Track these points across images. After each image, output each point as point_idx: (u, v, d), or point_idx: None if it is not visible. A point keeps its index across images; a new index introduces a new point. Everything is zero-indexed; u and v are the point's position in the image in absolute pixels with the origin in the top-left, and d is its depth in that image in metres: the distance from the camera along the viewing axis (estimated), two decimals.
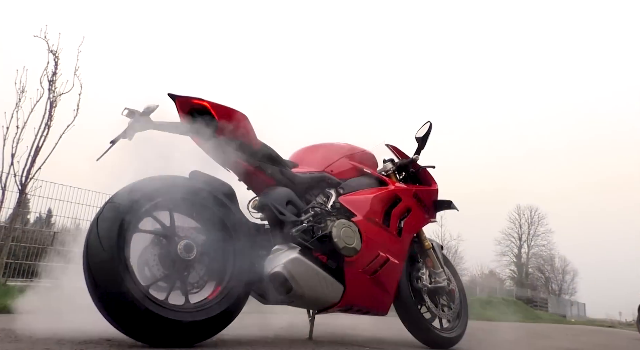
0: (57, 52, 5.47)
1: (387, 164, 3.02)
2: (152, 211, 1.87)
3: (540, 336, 5.77)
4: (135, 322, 1.69)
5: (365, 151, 2.86)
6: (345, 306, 2.40)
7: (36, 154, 5.24)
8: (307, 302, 2.31)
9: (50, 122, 5.33)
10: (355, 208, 2.49)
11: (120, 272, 1.66)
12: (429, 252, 2.95)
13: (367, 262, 2.42)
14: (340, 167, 2.64)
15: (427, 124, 3.07)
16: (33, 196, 7.31)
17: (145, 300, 1.70)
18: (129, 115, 1.99)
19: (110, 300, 1.66)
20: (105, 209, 1.77)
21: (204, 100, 2.09)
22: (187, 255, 1.85)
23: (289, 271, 2.08)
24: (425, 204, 2.91)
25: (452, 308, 2.99)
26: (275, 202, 2.25)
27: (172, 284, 1.84)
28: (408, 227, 2.73)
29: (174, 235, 1.88)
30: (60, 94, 5.43)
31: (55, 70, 5.45)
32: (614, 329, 15.16)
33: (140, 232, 1.84)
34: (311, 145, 2.76)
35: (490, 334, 4.52)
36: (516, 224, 40.15)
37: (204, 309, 1.85)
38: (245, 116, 2.21)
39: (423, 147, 3.06)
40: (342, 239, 2.29)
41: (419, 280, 2.86)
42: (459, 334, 2.97)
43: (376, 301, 2.53)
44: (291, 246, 2.19)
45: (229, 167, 2.27)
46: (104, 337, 1.83)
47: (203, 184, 2.03)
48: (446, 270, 3.00)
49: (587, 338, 6.74)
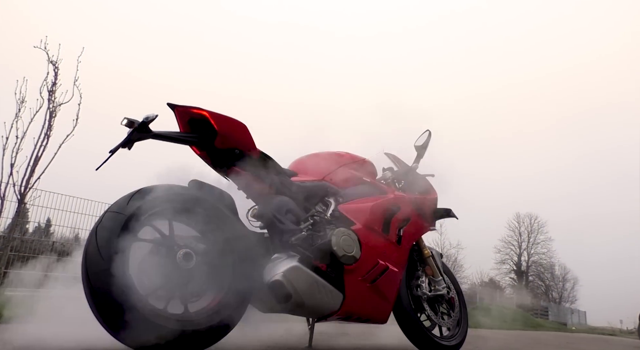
0: (57, 63, 5.51)
1: (386, 173, 3.03)
2: (152, 220, 1.88)
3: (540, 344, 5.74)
4: (134, 331, 1.68)
5: (364, 160, 2.87)
6: (345, 314, 2.40)
7: (35, 164, 5.25)
8: (307, 311, 2.30)
9: (49, 132, 5.34)
10: (355, 216, 2.49)
11: (119, 281, 1.66)
12: (428, 260, 2.95)
13: (366, 270, 2.41)
14: (340, 176, 2.64)
15: (426, 132, 3.09)
16: (32, 206, 7.31)
17: (144, 309, 1.70)
18: (128, 125, 2.00)
19: (109, 309, 1.66)
20: (104, 218, 1.78)
21: (203, 109, 2.10)
22: (186, 264, 1.85)
23: (289, 280, 2.08)
24: (425, 212, 2.92)
25: (452, 316, 2.99)
26: (275, 211, 2.26)
27: (171, 293, 1.84)
28: (407, 236, 2.73)
29: (173, 245, 1.88)
30: (60, 104, 5.46)
31: (55, 81, 5.48)
32: (614, 337, 15.08)
33: (140, 241, 1.84)
34: (310, 154, 2.77)
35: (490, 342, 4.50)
36: (516, 232, 40.07)
37: (204, 318, 1.85)
38: (245, 125, 2.22)
39: (422, 156, 3.07)
40: (342, 247, 2.29)
41: (418, 289, 2.86)
42: (458, 342, 2.96)
43: (376, 309, 2.52)
44: (290, 255, 2.19)
45: (228, 176, 2.28)
46: (103, 346, 1.82)
47: (202, 193, 2.04)
48: (446, 278, 3.00)
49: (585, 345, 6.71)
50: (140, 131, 1.99)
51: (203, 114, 2.10)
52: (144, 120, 2.00)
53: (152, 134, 2.04)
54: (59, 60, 5.53)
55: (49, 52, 5.49)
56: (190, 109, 2.11)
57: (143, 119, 2.00)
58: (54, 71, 5.49)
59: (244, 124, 2.22)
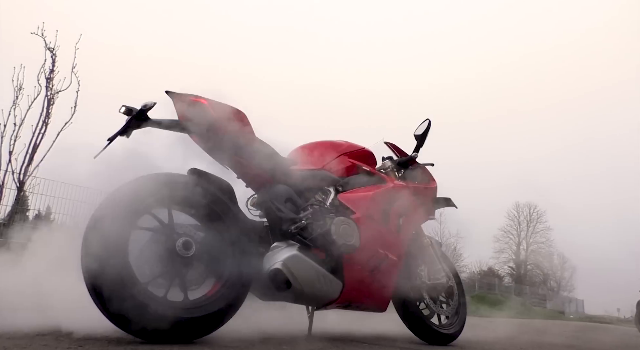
0: (54, 50, 5.47)
1: (386, 162, 3.02)
2: (151, 208, 1.87)
3: (537, 332, 5.79)
4: (134, 318, 1.69)
5: (363, 149, 2.85)
6: (344, 303, 2.41)
7: (34, 152, 5.24)
8: (306, 299, 2.31)
9: (48, 119, 5.33)
10: (354, 205, 2.49)
11: (118, 269, 1.67)
12: (427, 249, 2.95)
13: (365, 259, 2.42)
14: (339, 165, 2.63)
15: (426, 121, 3.07)
16: (32, 193, 7.31)
17: (144, 296, 1.70)
18: (127, 113, 1.99)
19: (109, 297, 1.66)
20: (103, 206, 1.77)
21: (201, 97, 2.09)
22: (186, 253, 1.85)
23: (288, 268, 2.08)
24: (424, 201, 2.92)
25: (451, 304, 3.01)
26: (274, 200, 2.26)
27: (170, 281, 1.84)
28: (407, 225, 2.73)
29: (173, 233, 1.88)
30: (57, 92, 5.43)
31: (53, 68, 5.45)
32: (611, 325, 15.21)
33: (139, 230, 1.84)
34: (310, 143, 2.76)
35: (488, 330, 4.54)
36: (515, 221, 40.18)
37: (203, 306, 1.86)
38: (244, 113, 2.21)
39: (422, 145, 3.06)
40: (341, 236, 2.29)
41: (417, 277, 2.87)
42: (457, 330, 2.98)
43: (375, 298, 2.54)
44: (290, 243, 2.19)
45: (227, 165, 2.27)
46: (102, 333, 1.83)
47: (201, 181, 2.03)
48: (444, 267, 3.01)
49: (581, 333, 6.78)
50: (139, 119, 1.98)
51: (201, 102, 2.08)
52: (142, 108, 1.99)
53: (150, 122, 2.03)
54: (57, 47, 5.49)
55: (46, 38, 5.44)
56: (188, 97, 2.09)
57: (141, 106, 1.99)
58: (51, 58, 5.45)
59: (243, 112, 2.21)
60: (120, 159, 1.99)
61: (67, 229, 2.13)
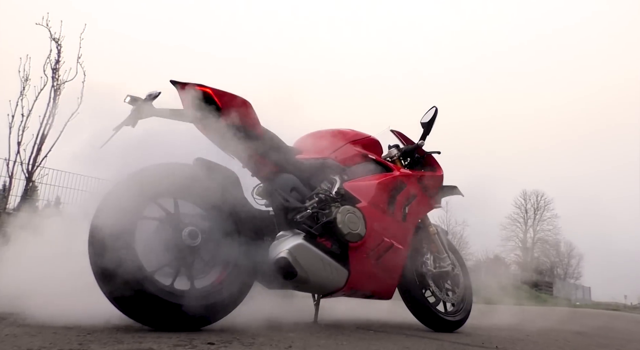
0: (59, 40, 5.46)
1: (392, 150, 3.01)
2: (157, 198, 1.88)
3: (543, 319, 5.80)
4: (142, 307, 1.71)
5: (369, 137, 2.84)
6: (350, 291, 2.42)
7: (42, 142, 5.27)
8: (312, 287, 2.33)
9: (54, 110, 5.34)
10: (360, 194, 2.48)
11: (125, 258, 1.68)
12: (433, 238, 2.95)
13: (371, 247, 2.42)
14: (345, 154, 2.63)
15: (432, 109, 3.05)
16: (40, 184, 7.37)
17: (151, 285, 1.72)
18: (132, 103, 1.99)
19: (116, 286, 1.68)
20: (110, 195, 1.78)
21: (206, 86, 2.08)
22: (192, 242, 1.86)
23: (294, 257, 2.09)
24: (430, 189, 2.91)
25: (457, 292, 3.01)
26: (280, 189, 2.26)
27: (177, 270, 1.86)
28: (413, 213, 2.73)
29: (179, 222, 1.89)
30: (64, 82, 5.44)
31: (59, 58, 5.45)
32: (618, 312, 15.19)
33: (146, 219, 1.85)
34: (315, 132, 2.75)
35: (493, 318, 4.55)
36: (522, 209, 40.02)
37: (210, 294, 1.87)
38: (249, 103, 2.20)
39: (428, 133, 3.04)
40: (347, 224, 2.29)
41: (423, 265, 2.87)
42: (463, 318, 2.99)
43: (381, 286, 2.54)
44: (296, 232, 2.20)
45: (232, 154, 2.27)
46: (111, 321, 1.85)
47: (207, 170, 2.03)
48: (451, 255, 3.01)
49: (589, 320, 6.78)
50: (144, 109, 1.98)
51: (207, 91, 2.07)
52: (147, 98, 1.98)
53: (155, 112, 2.03)
54: (62, 37, 5.49)
55: (51, 29, 5.44)
56: (194, 86, 2.09)
57: (146, 96, 1.98)
58: (57, 48, 5.45)
59: (248, 101, 2.20)
60: (126, 148, 2.00)
61: (75, 219, 2.14)
